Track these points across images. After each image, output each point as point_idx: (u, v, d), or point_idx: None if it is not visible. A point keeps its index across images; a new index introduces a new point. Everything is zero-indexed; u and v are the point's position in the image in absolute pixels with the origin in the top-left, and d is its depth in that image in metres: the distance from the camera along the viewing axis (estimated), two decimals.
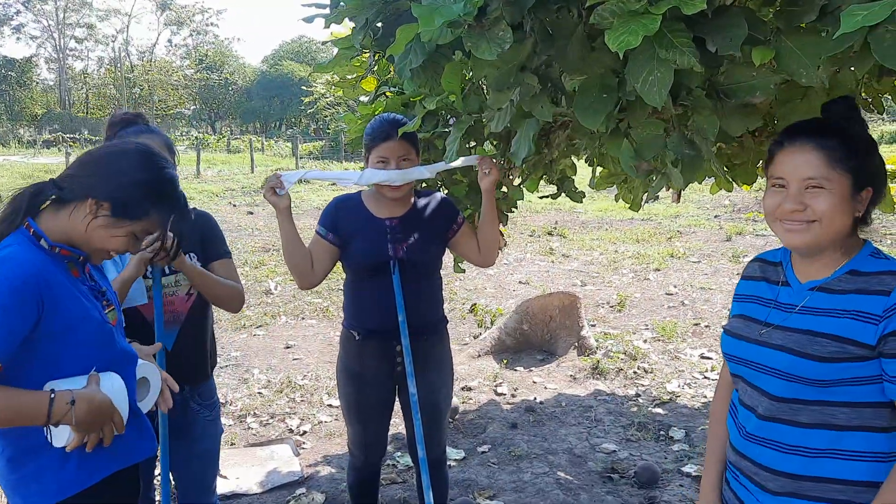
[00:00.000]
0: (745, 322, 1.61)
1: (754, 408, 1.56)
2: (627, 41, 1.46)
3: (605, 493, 3.54)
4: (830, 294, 1.46)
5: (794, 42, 1.61)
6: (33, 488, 1.64)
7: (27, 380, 1.57)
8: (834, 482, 1.44)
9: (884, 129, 25.14)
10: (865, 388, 1.41)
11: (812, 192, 1.43)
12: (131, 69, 57.38)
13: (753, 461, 1.55)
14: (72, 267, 1.68)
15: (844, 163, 1.43)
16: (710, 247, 10.20)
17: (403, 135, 2.49)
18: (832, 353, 1.41)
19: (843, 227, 1.45)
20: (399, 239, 2.57)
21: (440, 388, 2.72)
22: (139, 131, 2.23)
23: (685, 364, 5.48)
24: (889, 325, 1.36)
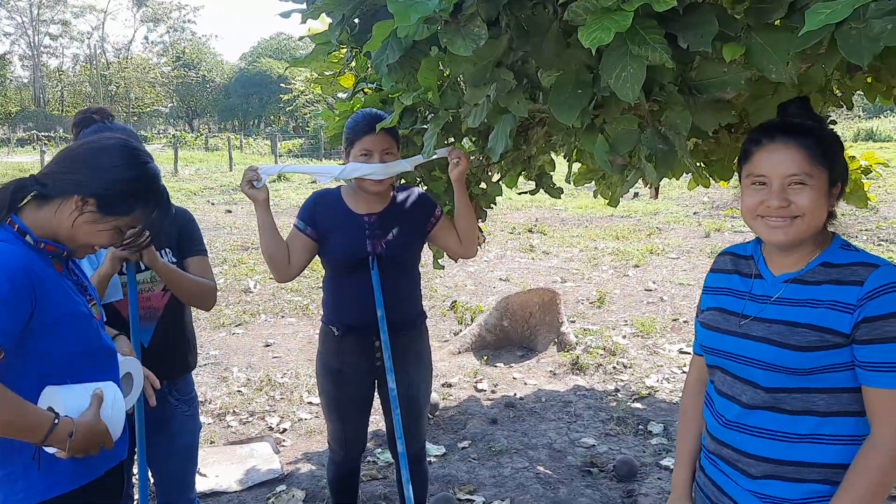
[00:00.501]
0: (723, 315, 1.64)
1: (736, 397, 1.59)
2: (600, 37, 1.48)
3: (584, 487, 3.58)
4: (805, 285, 1.51)
5: (764, 39, 1.64)
6: (19, 485, 1.63)
7: (17, 374, 1.57)
8: (813, 465, 1.50)
9: (860, 125, 25.48)
10: (842, 375, 1.47)
11: (795, 188, 1.48)
12: (107, 66, 56.80)
13: (735, 448, 1.59)
14: (55, 262, 1.68)
15: (821, 159, 1.48)
16: (688, 243, 10.29)
17: (385, 129, 2.50)
18: (812, 343, 1.46)
19: (821, 221, 1.51)
20: (378, 235, 2.58)
21: (419, 383, 2.74)
22: (97, 130, 2.21)
23: (664, 359, 5.53)
24: (862, 312, 1.42)
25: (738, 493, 1.60)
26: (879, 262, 1.47)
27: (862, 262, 1.48)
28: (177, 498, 2.43)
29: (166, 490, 2.43)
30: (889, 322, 1.40)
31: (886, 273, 1.44)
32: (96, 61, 57.11)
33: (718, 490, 1.65)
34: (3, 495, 1.64)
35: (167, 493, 2.43)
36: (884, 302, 1.40)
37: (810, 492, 1.50)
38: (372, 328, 2.58)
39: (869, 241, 9.66)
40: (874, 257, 1.50)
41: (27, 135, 38.88)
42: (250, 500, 3.53)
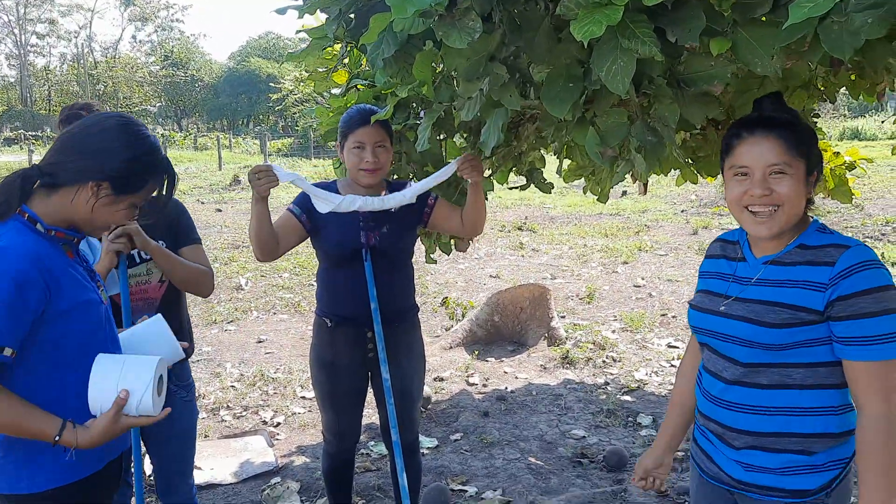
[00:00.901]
0: (709, 296, 1.75)
1: (719, 373, 1.69)
2: (591, 31, 1.53)
3: (574, 477, 3.63)
4: (782, 266, 1.61)
5: (750, 33, 1.70)
6: (23, 474, 1.64)
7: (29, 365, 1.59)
8: (792, 435, 1.59)
9: (845, 124, 25.68)
10: (818, 349, 1.56)
11: (775, 177, 1.57)
12: (94, 66, 56.49)
13: (719, 423, 1.69)
14: (66, 249, 1.70)
15: (799, 149, 1.58)
16: (677, 240, 10.38)
17: (379, 122, 2.54)
18: (785, 320, 1.55)
19: (801, 208, 1.60)
20: (372, 227, 2.63)
21: (412, 375, 2.78)
22: None
23: (652, 353, 5.60)
24: (835, 291, 1.51)
25: (723, 461, 1.70)
26: (850, 244, 1.56)
27: (834, 244, 1.57)
28: (176, 483, 2.47)
29: (165, 475, 2.46)
30: (862, 299, 1.49)
31: (856, 253, 1.53)
32: (84, 60, 56.78)
33: (708, 458, 1.76)
34: (6, 482, 1.65)
35: (166, 477, 2.46)
36: (855, 280, 1.50)
37: (789, 461, 1.60)
38: (365, 320, 2.62)
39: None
40: (847, 239, 1.59)
41: (14, 134, 38.61)
42: (245, 491, 3.56)
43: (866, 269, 1.51)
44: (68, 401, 1.63)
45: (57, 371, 1.63)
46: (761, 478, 1.63)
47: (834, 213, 11.24)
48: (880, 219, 10.65)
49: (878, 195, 12.38)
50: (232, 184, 18.71)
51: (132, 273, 2.29)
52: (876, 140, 21.59)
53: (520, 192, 13.12)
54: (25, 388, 1.58)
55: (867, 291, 1.49)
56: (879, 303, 1.48)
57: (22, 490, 1.64)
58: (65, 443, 1.58)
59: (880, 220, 10.60)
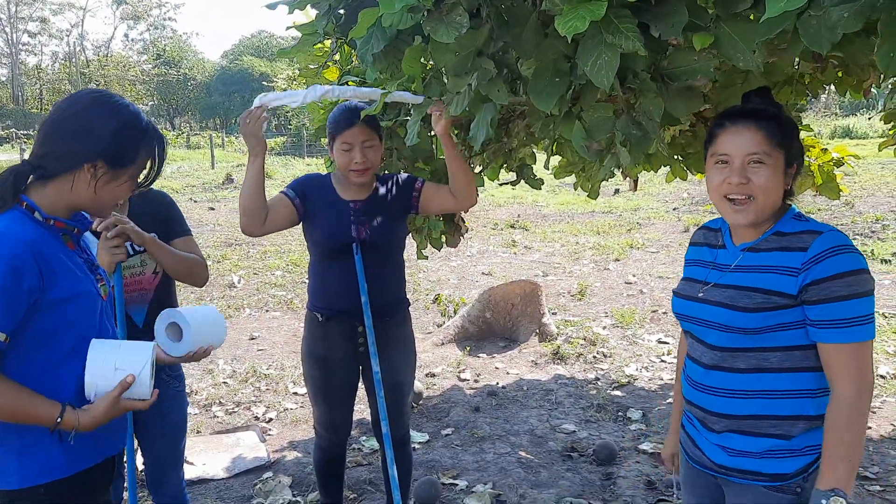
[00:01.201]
0: (690, 283, 1.80)
1: (699, 359, 1.74)
2: (576, 26, 1.56)
3: (564, 471, 3.66)
4: (759, 253, 1.65)
5: (732, 28, 1.73)
6: (13, 467, 1.62)
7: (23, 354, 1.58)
8: (770, 418, 1.63)
9: (836, 123, 25.81)
10: (793, 333, 1.60)
11: (754, 167, 1.62)
12: (87, 64, 56.24)
13: (701, 407, 1.74)
14: (67, 239, 1.69)
15: (779, 141, 1.62)
16: (668, 238, 10.43)
17: (366, 121, 2.57)
18: (759, 304, 1.60)
19: (778, 198, 1.65)
20: (363, 220, 2.65)
21: (402, 368, 2.80)
22: None
23: (643, 349, 5.63)
24: (807, 276, 1.56)
25: (707, 446, 1.74)
26: (824, 229, 1.60)
27: (808, 230, 1.61)
28: (167, 474, 2.48)
29: (156, 465, 2.48)
30: (834, 283, 1.53)
31: (829, 239, 1.57)
32: (75, 59, 56.55)
33: (693, 443, 1.80)
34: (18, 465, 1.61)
35: (157, 468, 2.48)
36: (827, 265, 1.54)
37: (768, 445, 1.63)
38: (356, 313, 2.65)
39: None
40: (820, 225, 1.63)
41: (6, 133, 38.39)
42: (237, 486, 3.58)
43: (838, 253, 1.54)
44: (61, 391, 1.62)
45: (50, 362, 1.62)
46: (741, 462, 1.67)
47: (825, 210, 11.31)
48: (870, 216, 10.72)
49: (868, 193, 12.46)
50: (225, 182, 18.69)
51: (126, 265, 2.30)
52: (867, 138, 21.71)
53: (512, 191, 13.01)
54: (18, 377, 1.57)
55: (839, 275, 1.53)
56: (851, 286, 1.52)
57: (12, 485, 1.61)
58: (66, 425, 1.57)
59: (870, 217, 10.67)
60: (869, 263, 6.94)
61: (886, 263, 8.29)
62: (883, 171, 14.07)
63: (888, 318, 6.23)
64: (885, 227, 10.13)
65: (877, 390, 4.66)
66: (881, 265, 8.24)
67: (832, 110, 28.28)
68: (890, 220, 10.43)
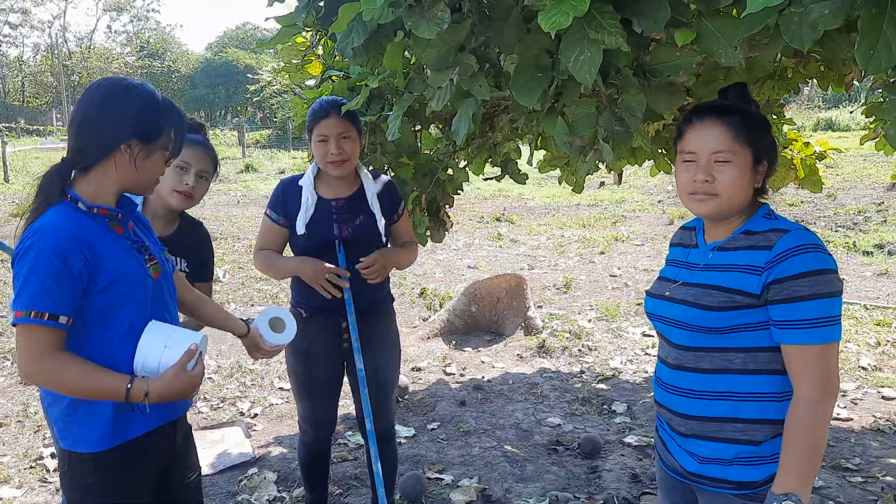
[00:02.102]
0: (661, 282, 1.78)
1: (665, 358, 1.73)
2: (559, 21, 1.55)
3: (549, 464, 3.68)
4: (727, 252, 1.63)
5: (713, 24, 1.73)
6: (86, 431, 1.73)
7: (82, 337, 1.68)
8: (735, 421, 1.60)
9: (819, 115, 25.95)
10: (756, 334, 1.57)
11: (719, 165, 1.60)
12: (69, 56, 55.64)
13: (668, 408, 1.72)
14: (114, 224, 1.78)
15: (745, 137, 1.60)
16: (653, 230, 10.47)
17: (344, 113, 2.56)
18: (721, 303, 1.57)
19: (745, 195, 1.63)
20: (345, 219, 2.64)
21: (386, 364, 2.80)
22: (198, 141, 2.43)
23: (627, 342, 5.66)
24: (770, 274, 1.52)
25: (677, 451, 1.72)
26: (791, 228, 1.57)
27: (775, 229, 1.58)
28: None
29: None
30: (796, 282, 1.49)
31: (794, 237, 1.53)
32: (58, 51, 55.89)
33: (665, 448, 1.78)
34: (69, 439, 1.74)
35: None
36: (791, 264, 1.50)
37: (736, 452, 1.60)
38: (339, 310, 2.64)
39: (826, 228, 9.91)
40: (788, 223, 1.60)
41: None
42: (222, 482, 3.56)
43: (803, 252, 1.51)
44: (121, 369, 1.71)
45: (110, 340, 1.71)
46: (710, 469, 1.63)
47: (807, 202, 11.39)
48: (852, 208, 10.80)
49: (851, 185, 12.54)
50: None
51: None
52: (849, 131, 21.83)
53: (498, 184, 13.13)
54: (82, 356, 1.67)
55: (803, 275, 1.49)
56: (814, 286, 1.48)
57: (85, 448, 1.73)
58: (136, 394, 1.66)
59: (852, 209, 10.75)
60: (851, 255, 7.01)
61: (868, 255, 8.36)
62: (865, 163, 14.15)
63: (870, 310, 6.29)
64: (868, 219, 10.21)
65: (858, 382, 4.71)
66: (863, 257, 8.32)
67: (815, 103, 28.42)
68: (872, 213, 10.52)
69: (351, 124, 2.60)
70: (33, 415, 4.28)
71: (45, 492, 3.47)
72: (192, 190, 2.43)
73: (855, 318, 6.07)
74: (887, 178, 12.30)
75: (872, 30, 1.37)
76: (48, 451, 3.80)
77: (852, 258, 8.25)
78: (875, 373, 4.85)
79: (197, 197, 2.48)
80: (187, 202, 2.45)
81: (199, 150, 2.44)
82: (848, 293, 6.92)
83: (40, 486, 3.53)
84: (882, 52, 1.37)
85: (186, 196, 2.43)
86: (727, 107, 1.64)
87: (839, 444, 3.84)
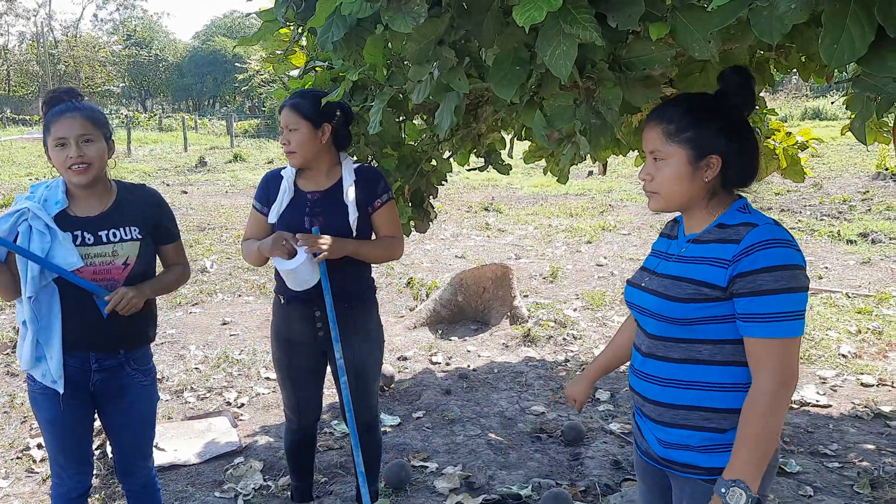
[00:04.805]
0: (641, 272, 1.83)
1: (639, 346, 1.77)
2: (533, 16, 1.58)
3: (533, 452, 3.72)
4: (700, 244, 1.66)
5: (687, 18, 1.75)
6: None
7: None
8: (702, 409, 1.64)
9: (807, 104, 26.07)
10: (722, 327, 1.60)
11: (659, 163, 1.67)
12: (55, 45, 55.06)
13: (639, 394, 1.77)
14: None
15: (679, 135, 1.64)
16: (640, 220, 10.53)
17: (291, 104, 2.61)
18: (689, 295, 1.61)
19: (690, 190, 1.66)
20: (317, 212, 2.66)
21: (366, 354, 2.81)
22: (65, 109, 2.25)
23: (612, 330, 5.71)
24: (736, 268, 1.55)
25: (651, 438, 1.76)
26: (760, 222, 1.59)
27: (746, 223, 1.60)
28: (135, 466, 2.49)
29: (123, 456, 2.48)
30: (760, 276, 1.52)
31: (762, 232, 1.55)
32: (43, 40, 55.34)
33: (640, 434, 1.83)
34: None
35: (124, 459, 2.49)
36: (756, 258, 1.53)
37: (703, 438, 1.64)
38: (314, 299, 2.68)
39: (812, 217, 10.00)
40: (760, 217, 1.61)
41: None
42: (209, 472, 3.59)
43: (769, 247, 1.53)
44: None
45: None
46: (679, 455, 1.68)
47: (793, 191, 11.48)
48: (837, 197, 10.89)
49: (836, 174, 12.64)
50: (198, 165, 18.48)
51: (96, 252, 2.29)
52: (836, 120, 21.96)
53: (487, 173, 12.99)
54: None
55: (767, 269, 1.51)
56: (778, 281, 1.50)
57: None
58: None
59: (837, 198, 10.84)
60: (835, 244, 7.07)
61: (852, 244, 8.44)
62: (851, 152, 14.26)
63: (851, 298, 6.36)
64: (852, 208, 10.31)
65: (838, 369, 4.78)
66: (847, 246, 8.40)
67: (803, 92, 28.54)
68: (857, 202, 10.61)
69: (300, 117, 2.59)
70: (19, 405, 4.29)
71: (31, 482, 3.49)
72: (80, 159, 2.22)
73: (837, 307, 6.14)
74: (872, 167, 12.41)
75: (835, 24, 1.39)
76: (35, 441, 3.82)
77: (836, 247, 8.33)
78: (855, 360, 4.93)
79: (94, 161, 2.25)
80: (87, 173, 2.24)
81: (67, 118, 2.23)
82: (831, 281, 7.00)
83: (27, 476, 3.55)
84: (845, 47, 1.40)
85: (80, 169, 2.24)
86: (668, 105, 1.68)
87: (817, 431, 3.90)
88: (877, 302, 6.23)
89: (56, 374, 2.24)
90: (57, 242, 2.23)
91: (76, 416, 2.34)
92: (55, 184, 2.34)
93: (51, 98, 2.33)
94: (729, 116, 1.67)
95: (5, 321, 6.05)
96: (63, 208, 2.28)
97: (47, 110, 2.30)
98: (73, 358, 2.28)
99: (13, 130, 29.08)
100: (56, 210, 2.27)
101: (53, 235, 2.23)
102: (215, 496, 3.35)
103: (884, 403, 4.23)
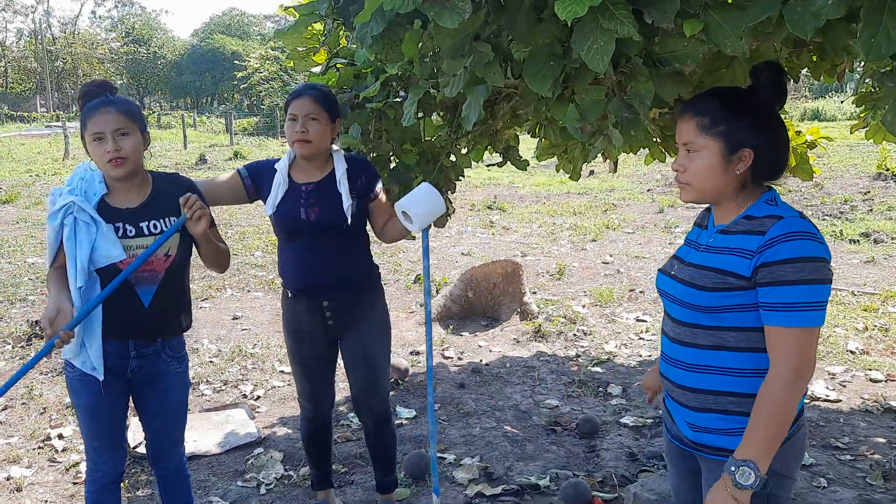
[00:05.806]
0: (672, 260, 1.88)
1: (668, 332, 1.83)
2: (575, 10, 1.63)
3: (549, 444, 3.77)
4: (728, 235, 1.71)
5: (720, 15, 1.81)
6: None
7: None
8: (730, 395, 1.70)
9: (806, 105, 26.17)
10: (748, 315, 1.66)
11: (692, 154, 1.72)
12: (53, 42, 55.05)
13: (669, 379, 1.82)
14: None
15: (713, 129, 1.68)
16: (643, 218, 10.59)
17: (314, 95, 2.63)
18: (715, 284, 1.67)
19: (721, 183, 1.70)
20: (312, 203, 2.69)
21: (373, 342, 2.85)
22: (100, 104, 2.29)
23: (621, 326, 5.77)
24: (760, 258, 1.61)
25: (680, 422, 1.81)
26: (786, 214, 1.64)
27: (772, 216, 1.65)
28: (166, 451, 2.54)
29: (155, 442, 2.53)
30: (782, 267, 1.57)
31: (787, 224, 1.60)
32: (41, 36, 55.27)
33: (671, 418, 1.88)
34: None
35: (156, 445, 2.53)
36: (780, 249, 1.58)
37: (733, 422, 1.69)
38: (319, 290, 2.74)
39: (814, 216, 10.06)
40: (786, 210, 1.66)
41: None
42: (229, 462, 3.64)
43: (792, 239, 1.58)
44: None
45: None
46: (710, 438, 1.73)
47: (794, 191, 11.54)
48: (838, 197, 10.96)
49: (837, 174, 12.71)
50: (198, 163, 18.51)
51: (138, 244, 2.33)
52: (835, 121, 22.05)
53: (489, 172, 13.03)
54: None
55: (789, 260, 1.56)
56: (799, 272, 1.55)
57: None
58: None
59: (838, 198, 10.91)
60: (838, 243, 7.15)
61: (855, 244, 8.51)
62: (851, 153, 14.33)
63: (857, 296, 6.43)
64: (854, 208, 10.37)
65: (846, 365, 4.84)
66: (850, 245, 8.46)
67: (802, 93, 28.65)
68: (858, 202, 10.68)
69: (321, 108, 2.63)
70: (38, 397, 4.34)
71: (53, 471, 3.53)
72: (116, 153, 2.25)
73: (843, 304, 6.20)
74: (873, 167, 12.49)
75: (873, 19, 1.45)
76: (55, 432, 3.86)
77: (839, 246, 8.39)
78: (863, 356, 4.98)
79: (130, 154, 2.29)
80: (124, 166, 2.28)
81: (102, 113, 2.26)
82: (836, 280, 7.06)
83: (49, 465, 3.59)
84: (882, 41, 1.46)
85: (118, 163, 2.27)
86: (703, 98, 1.72)
87: (829, 425, 3.96)
88: (882, 300, 6.30)
89: (96, 362, 2.28)
90: (101, 234, 2.27)
91: (114, 403, 2.39)
92: (90, 176, 2.38)
93: (85, 92, 2.37)
94: (761, 110, 1.72)
95: (17, 315, 6.09)
96: (103, 196, 2.33)
97: (83, 104, 2.34)
98: (112, 346, 2.33)
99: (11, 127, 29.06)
100: (95, 200, 2.31)
101: (98, 227, 2.27)
102: (237, 485, 3.39)
103: (893, 399, 4.28)
